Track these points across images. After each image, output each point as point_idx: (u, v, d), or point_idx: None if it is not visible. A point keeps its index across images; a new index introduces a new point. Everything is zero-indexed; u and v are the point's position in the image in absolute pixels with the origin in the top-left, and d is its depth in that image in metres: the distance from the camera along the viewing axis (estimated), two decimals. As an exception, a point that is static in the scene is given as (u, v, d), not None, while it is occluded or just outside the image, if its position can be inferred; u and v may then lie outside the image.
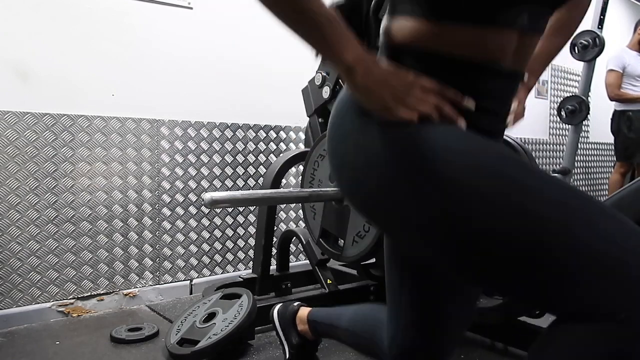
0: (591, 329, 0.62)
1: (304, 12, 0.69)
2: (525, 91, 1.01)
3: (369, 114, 0.75)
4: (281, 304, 1.57)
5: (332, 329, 1.31)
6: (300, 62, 2.49)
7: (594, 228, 0.63)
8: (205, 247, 2.62)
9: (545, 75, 4.64)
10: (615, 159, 4.52)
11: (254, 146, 2.78)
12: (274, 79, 2.76)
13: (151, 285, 2.45)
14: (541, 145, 4.64)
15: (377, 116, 0.73)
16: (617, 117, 4.28)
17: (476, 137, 0.72)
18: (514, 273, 0.66)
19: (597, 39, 3.65)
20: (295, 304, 1.51)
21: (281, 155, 2.51)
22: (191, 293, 2.56)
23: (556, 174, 3.61)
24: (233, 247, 2.72)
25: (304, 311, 1.45)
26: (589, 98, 3.58)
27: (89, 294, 2.26)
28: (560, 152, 4.79)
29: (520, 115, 0.98)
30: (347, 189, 0.81)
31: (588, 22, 3.95)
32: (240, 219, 2.74)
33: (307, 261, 2.32)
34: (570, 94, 3.70)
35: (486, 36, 0.72)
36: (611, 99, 4.23)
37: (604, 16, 3.72)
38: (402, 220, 0.73)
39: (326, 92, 2.19)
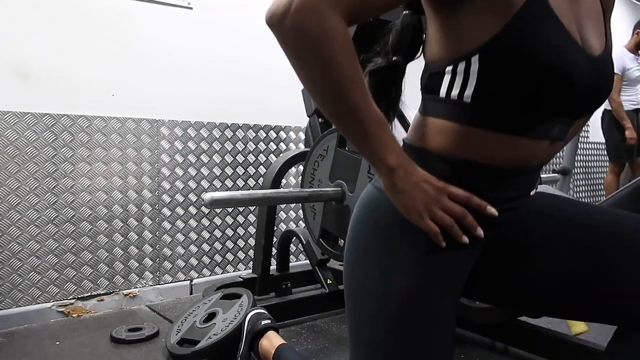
0: None
1: (353, 113, 0.70)
2: None
3: (396, 231, 0.79)
4: (256, 312, 1.60)
5: None
6: (300, 62, 2.50)
7: None
8: (205, 247, 2.62)
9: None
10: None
11: (254, 146, 2.78)
12: (274, 79, 2.76)
13: (151, 286, 2.45)
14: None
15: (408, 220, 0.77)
16: (607, 116, 4.28)
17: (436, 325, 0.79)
18: None
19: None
20: (265, 321, 1.56)
21: (281, 155, 2.51)
22: (191, 293, 2.56)
23: (556, 174, 3.62)
24: (233, 247, 2.72)
25: (273, 341, 1.49)
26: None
27: (89, 294, 2.26)
28: (560, 152, 4.79)
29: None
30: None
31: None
32: (240, 219, 2.74)
33: (307, 261, 2.32)
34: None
35: (520, 145, 0.76)
36: (609, 101, 4.22)
37: (604, 16, 3.71)
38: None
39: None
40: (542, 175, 2.59)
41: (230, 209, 2.69)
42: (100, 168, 2.27)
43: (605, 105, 4.25)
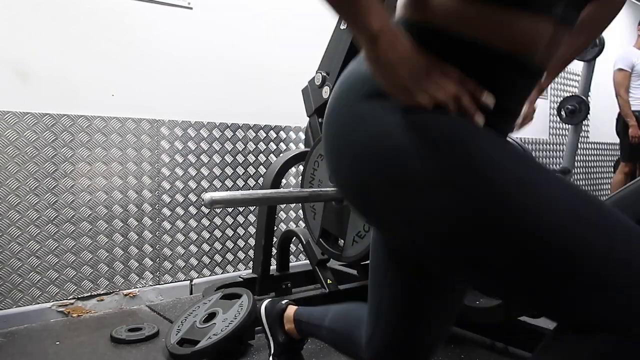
0: (606, 341, 0.59)
1: None
2: (538, 92, 0.96)
3: (381, 97, 0.69)
4: (269, 300, 1.56)
5: (315, 328, 1.29)
6: (300, 62, 2.50)
7: (612, 238, 0.60)
8: (205, 247, 2.62)
9: (545, 75, 4.63)
10: (615, 159, 4.51)
11: (254, 146, 2.78)
12: (274, 79, 2.76)
13: (151, 286, 2.45)
14: (541, 145, 4.64)
15: (391, 98, 0.68)
16: (623, 117, 4.25)
17: (498, 138, 0.68)
18: (532, 281, 0.63)
19: (597, 39, 3.65)
20: (284, 301, 1.50)
21: (281, 155, 2.51)
22: (191, 293, 2.56)
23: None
24: (233, 247, 2.72)
25: (292, 310, 1.44)
26: (589, 98, 3.58)
27: (89, 294, 2.26)
28: (560, 152, 4.79)
29: (529, 118, 0.94)
30: (344, 176, 0.74)
31: None
32: (240, 219, 2.74)
33: (307, 261, 2.32)
34: (570, 94, 3.70)
35: (520, 21, 0.67)
36: (617, 99, 4.19)
37: (604, 16, 3.71)
38: (406, 213, 0.67)
39: (326, 92, 2.19)
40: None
41: (230, 209, 2.69)
42: (100, 168, 2.27)
43: None
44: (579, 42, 0.95)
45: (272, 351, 1.50)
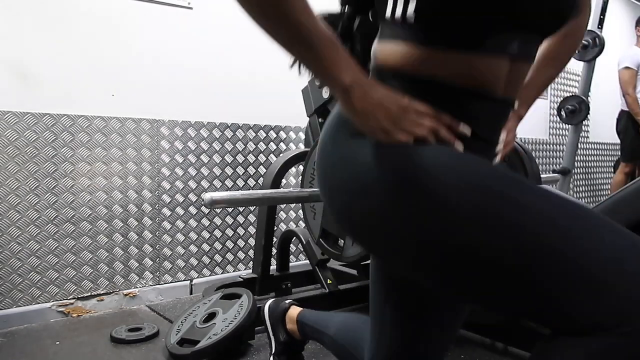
0: (594, 343, 0.61)
1: (297, 29, 0.66)
2: (516, 120, 0.98)
3: (361, 135, 0.73)
4: (273, 299, 1.56)
5: (318, 333, 1.31)
6: (300, 62, 2.50)
7: (590, 240, 0.63)
8: (205, 247, 2.62)
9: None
10: (615, 159, 4.51)
11: (254, 146, 2.78)
12: (274, 79, 2.76)
13: (151, 285, 2.45)
14: (541, 145, 4.64)
15: (371, 138, 0.72)
16: (624, 117, 4.24)
17: (472, 156, 0.71)
18: (512, 292, 0.65)
19: (597, 39, 3.65)
20: (287, 301, 1.51)
21: (281, 155, 2.51)
22: (191, 293, 2.56)
23: (556, 174, 3.61)
24: (233, 247, 2.72)
25: (295, 310, 1.45)
26: (589, 98, 3.58)
27: (89, 294, 2.26)
28: (560, 152, 4.79)
29: (510, 144, 0.95)
30: (337, 211, 0.78)
31: (588, 22, 3.95)
32: (240, 219, 2.74)
33: (307, 261, 2.32)
34: (570, 94, 3.70)
35: (476, 62, 0.71)
36: (625, 97, 4.17)
37: (604, 16, 3.72)
38: (391, 241, 0.71)
39: (326, 92, 2.19)
40: (542, 176, 2.59)
41: (230, 209, 2.69)
42: (100, 168, 2.27)
43: (622, 105, 4.23)
44: (546, 75, 0.98)
45: (273, 350, 1.50)
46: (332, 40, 0.68)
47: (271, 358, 1.50)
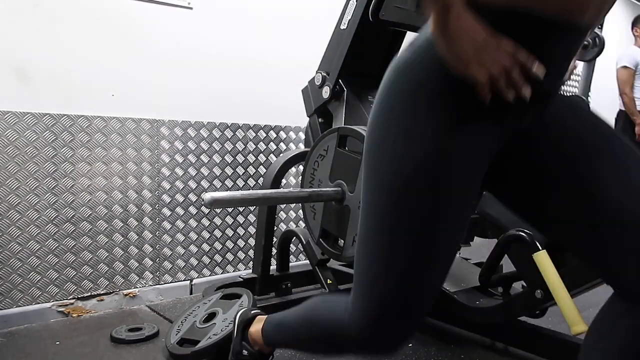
0: None
1: None
2: None
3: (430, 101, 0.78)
4: (244, 309, 1.55)
5: (282, 329, 1.28)
6: (300, 62, 2.50)
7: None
8: (205, 247, 2.62)
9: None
10: None
11: (254, 146, 2.78)
12: (274, 79, 2.76)
13: (151, 286, 2.45)
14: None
15: (451, 68, 0.74)
16: (622, 116, 4.23)
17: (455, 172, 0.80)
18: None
19: (597, 39, 3.64)
20: (252, 311, 1.49)
21: (281, 155, 2.51)
22: (191, 293, 2.56)
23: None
24: (233, 247, 2.72)
25: (261, 320, 1.43)
26: (589, 98, 3.58)
27: (89, 294, 2.26)
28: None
29: (571, 72, 0.98)
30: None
31: (588, 22, 3.95)
32: (240, 219, 2.74)
33: (307, 261, 2.32)
34: (570, 94, 3.70)
35: None
36: (622, 97, 4.16)
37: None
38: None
39: (326, 92, 2.19)
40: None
41: (230, 209, 2.69)
42: (100, 168, 2.27)
43: (621, 105, 4.22)
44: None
45: (232, 350, 1.49)
46: None
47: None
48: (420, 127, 0.78)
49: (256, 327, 1.43)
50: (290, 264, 2.49)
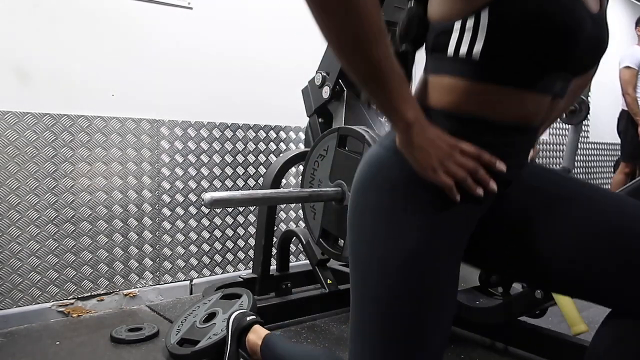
0: None
1: (377, 65, 0.71)
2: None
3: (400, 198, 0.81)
4: (240, 312, 1.59)
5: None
6: (300, 62, 2.50)
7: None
8: (205, 247, 2.62)
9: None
10: (616, 159, 4.49)
11: (254, 146, 2.78)
12: (274, 79, 2.76)
13: (151, 286, 2.45)
14: (541, 145, 4.64)
15: (421, 175, 0.78)
16: (625, 116, 4.22)
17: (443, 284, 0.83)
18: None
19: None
20: (248, 318, 1.54)
21: (281, 155, 2.51)
22: (191, 293, 2.56)
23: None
24: (233, 247, 2.72)
25: (261, 330, 1.48)
26: (589, 98, 3.58)
27: (89, 294, 2.26)
28: (560, 152, 4.79)
29: (532, 158, 1.04)
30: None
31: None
32: (240, 219, 2.74)
33: (307, 261, 2.32)
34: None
35: (526, 99, 0.78)
36: (625, 97, 4.15)
37: (604, 16, 3.71)
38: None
39: (326, 92, 2.19)
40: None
41: (230, 209, 2.69)
42: (100, 168, 2.27)
43: (623, 105, 4.21)
44: (562, 107, 1.09)
45: (227, 353, 1.52)
46: (403, 78, 0.75)
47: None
48: (404, 220, 0.81)
49: (254, 337, 1.48)
50: (290, 264, 2.50)
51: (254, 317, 1.57)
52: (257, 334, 1.48)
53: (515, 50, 0.74)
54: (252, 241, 2.73)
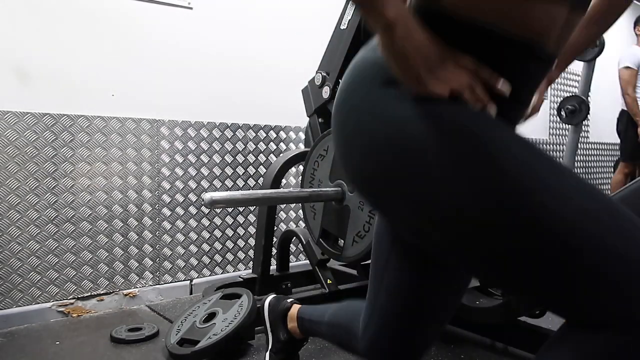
0: (614, 339, 0.58)
1: None
2: (547, 83, 0.92)
3: (395, 85, 0.67)
4: (274, 296, 1.55)
5: (316, 325, 1.29)
6: (300, 62, 2.50)
7: (622, 235, 0.60)
8: (205, 247, 2.62)
9: (545, 75, 4.63)
10: (615, 159, 4.48)
11: (254, 146, 2.78)
12: (274, 79, 2.76)
13: (151, 285, 2.45)
14: (541, 145, 4.64)
15: (405, 87, 0.66)
16: (625, 117, 4.22)
17: (510, 129, 0.68)
18: (541, 273, 0.62)
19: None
20: (289, 300, 1.50)
21: (281, 155, 2.51)
22: (191, 293, 2.56)
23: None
24: (233, 247, 2.72)
25: (295, 308, 1.44)
26: (589, 98, 3.58)
27: (89, 294, 2.26)
28: (560, 152, 4.79)
29: (537, 109, 0.92)
30: (356, 163, 0.72)
31: None
32: (240, 219, 2.74)
33: (307, 261, 2.32)
34: (570, 94, 3.70)
35: (535, 6, 0.66)
36: (624, 97, 4.15)
37: (604, 16, 3.70)
38: (420, 203, 0.66)
39: (326, 92, 2.19)
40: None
41: (230, 209, 2.69)
42: (100, 168, 2.27)
43: (623, 105, 4.21)
44: (590, 34, 0.94)
45: (270, 347, 1.49)
46: None
47: (267, 355, 1.50)
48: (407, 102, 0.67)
49: (291, 317, 1.44)
50: (290, 264, 2.49)
51: (290, 299, 1.53)
52: (291, 315, 1.44)
53: None
54: (252, 241, 2.73)
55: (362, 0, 0.64)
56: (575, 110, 3.51)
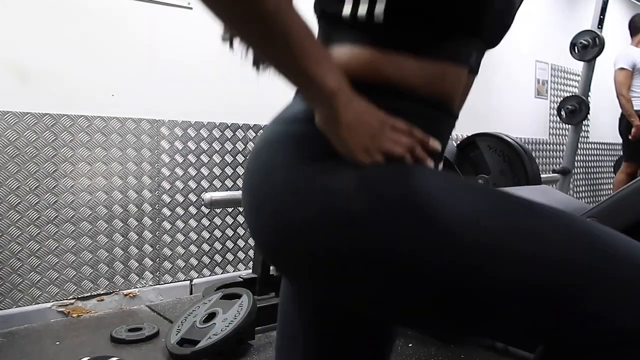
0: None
1: (271, 20, 0.54)
2: None
3: (325, 158, 0.62)
4: None
5: None
6: (300, 62, 2.50)
7: (594, 252, 0.57)
8: (205, 247, 2.62)
9: (545, 75, 4.64)
10: (615, 159, 4.49)
11: (253, 146, 2.78)
12: (274, 79, 2.76)
13: (151, 286, 2.45)
14: (541, 145, 4.64)
15: (347, 158, 0.62)
16: (626, 117, 4.23)
17: (457, 178, 0.69)
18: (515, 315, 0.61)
19: (597, 39, 3.65)
20: None
21: (281, 155, 2.51)
22: (191, 293, 2.56)
23: (556, 174, 3.61)
24: (233, 247, 2.72)
25: None
26: (589, 98, 3.59)
27: (89, 294, 2.26)
28: (560, 152, 4.79)
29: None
30: (290, 248, 0.64)
31: (588, 22, 3.96)
32: (241, 219, 2.74)
33: (307, 261, 2.32)
34: (570, 94, 3.71)
35: (449, 72, 0.68)
36: (619, 98, 4.16)
37: (603, 16, 3.72)
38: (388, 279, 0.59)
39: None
40: (542, 176, 2.58)
41: (230, 209, 2.69)
42: (100, 168, 2.27)
43: None
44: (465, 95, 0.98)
45: None
46: (312, 34, 0.57)
47: None
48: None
49: None
50: (290, 264, 2.49)
51: None
52: None
53: (424, 9, 0.62)
54: (252, 241, 2.73)
55: (298, 74, 0.59)
56: (575, 110, 3.51)
